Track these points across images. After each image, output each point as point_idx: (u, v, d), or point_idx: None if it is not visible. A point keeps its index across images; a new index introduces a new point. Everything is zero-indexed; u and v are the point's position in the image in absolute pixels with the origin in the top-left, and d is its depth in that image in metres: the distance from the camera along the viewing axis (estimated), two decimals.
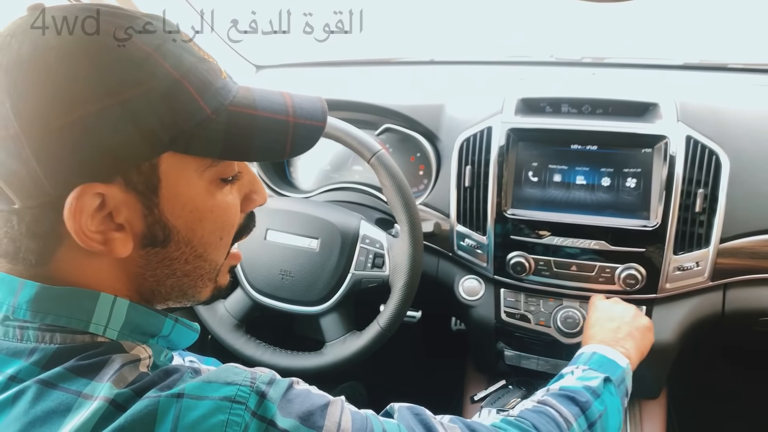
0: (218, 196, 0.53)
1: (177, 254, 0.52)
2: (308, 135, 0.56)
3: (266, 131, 0.53)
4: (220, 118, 0.49)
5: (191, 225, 0.52)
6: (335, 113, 1.10)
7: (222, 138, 0.49)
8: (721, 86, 1.21)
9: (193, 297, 0.58)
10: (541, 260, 1.05)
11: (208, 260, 0.55)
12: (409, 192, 0.95)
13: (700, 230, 0.99)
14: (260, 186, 0.60)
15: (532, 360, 1.16)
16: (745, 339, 1.34)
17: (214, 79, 0.50)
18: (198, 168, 0.50)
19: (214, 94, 0.49)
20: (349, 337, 1.00)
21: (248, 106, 0.52)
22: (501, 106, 1.09)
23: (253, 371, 0.50)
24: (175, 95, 0.46)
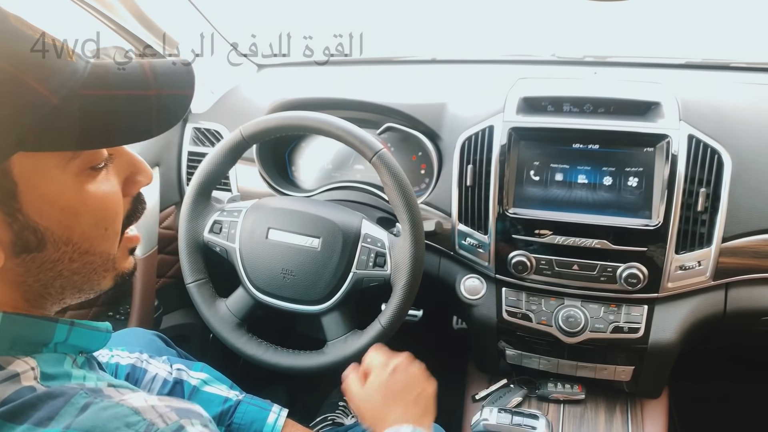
0: (90, 186, 0.49)
1: (58, 255, 0.48)
2: (175, 106, 0.51)
3: (126, 111, 0.47)
4: (71, 106, 0.44)
5: (66, 223, 0.48)
6: (337, 112, 1.10)
7: (77, 127, 0.44)
8: (723, 85, 1.20)
9: (93, 289, 0.54)
10: (543, 259, 1.05)
11: (96, 254, 0.51)
12: (410, 191, 0.95)
13: (702, 229, 0.99)
14: (142, 165, 0.56)
15: (533, 359, 1.16)
16: (746, 338, 1.34)
17: (60, 63, 0.44)
18: (59, 163, 0.46)
19: (61, 79, 0.43)
20: (350, 336, 1.00)
21: (103, 86, 0.46)
22: (503, 105, 1.09)
23: (153, 421, 0.43)
24: (12, 91, 0.41)
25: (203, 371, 0.94)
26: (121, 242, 0.55)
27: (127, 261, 0.58)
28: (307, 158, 1.39)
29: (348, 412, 1.47)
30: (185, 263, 1.06)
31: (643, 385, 1.13)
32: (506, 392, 1.19)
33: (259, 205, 1.06)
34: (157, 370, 0.89)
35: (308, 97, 1.30)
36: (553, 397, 1.16)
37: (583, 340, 1.06)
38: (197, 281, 1.05)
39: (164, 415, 0.44)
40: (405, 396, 0.78)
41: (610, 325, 1.05)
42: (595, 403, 1.17)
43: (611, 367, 1.11)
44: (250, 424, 0.89)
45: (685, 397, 1.39)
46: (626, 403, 1.17)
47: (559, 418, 1.15)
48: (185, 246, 1.06)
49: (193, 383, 0.90)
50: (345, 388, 0.84)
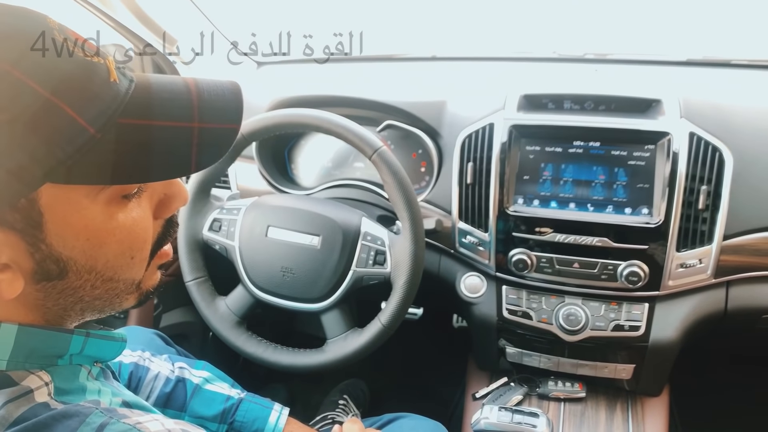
0: (120, 215, 0.47)
1: (80, 283, 0.47)
2: (218, 142, 0.48)
3: (164, 145, 0.45)
4: (107, 137, 0.41)
5: (90, 253, 0.46)
6: (336, 110, 1.10)
7: (111, 160, 0.42)
8: (724, 82, 1.20)
9: (114, 310, 0.53)
10: (543, 257, 1.05)
11: (120, 281, 0.50)
12: (410, 189, 0.95)
13: (703, 227, 0.98)
14: (177, 187, 0.53)
15: (534, 357, 1.15)
16: (747, 336, 1.34)
17: (100, 87, 0.42)
18: (89, 193, 0.44)
19: (100, 107, 0.41)
20: (350, 334, 1.00)
21: (142, 114, 0.44)
22: (503, 103, 1.09)
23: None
24: (45, 119, 0.38)
25: (205, 369, 0.94)
26: (150, 264, 0.54)
27: (154, 278, 0.57)
28: (306, 156, 1.38)
29: (348, 410, 1.47)
30: (185, 261, 1.05)
31: (643, 384, 1.13)
32: (507, 390, 1.19)
33: (259, 203, 1.06)
34: (159, 368, 0.89)
35: (308, 94, 1.30)
36: (553, 396, 1.16)
37: (583, 338, 1.06)
38: (197, 279, 1.05)
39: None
40: None
41: (611, 323, 1.05)
42: (595, 401, 1.17)
43: (612, 366, 1.11)
44: (252, 423, 0.89)
45: (685, 395, 1.39)
46: (627, 401, 1.17)
47: (560, 416, 1.14)
48: (185, 244, 1.05)
49: (196, 381, 0.90)
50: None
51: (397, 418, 0.96)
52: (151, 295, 0.57)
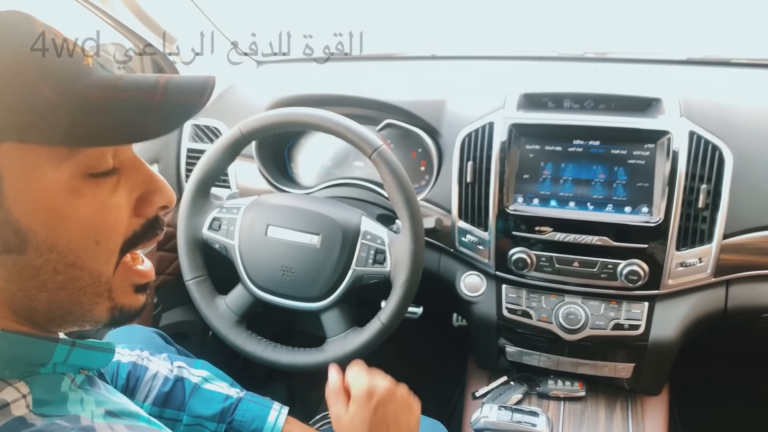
0: (86, 193, 0.46)
1: (40, 262, 0.45)
2: (177, 112, 0.47)
3: (123, 111, 0.45)
4: (66, 104, 0.43)
5: (51, 226, 0.45)
6: (336, 109, 1.10)
7: (68, 124, 0.43)
8: (724, 81, 1.20)
9: (85, 317, 0.50)
10: (543, 256, 1.05)
11: (85, 269, 0.48)
12: (410, 188, 0.95)
13: (703, 226, 0.98)
14: (161, 184, 0.52)
15: (533, 356, 1.16)
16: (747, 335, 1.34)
17: (67, 64, 0.44)
18: (50, 160, 0.43)
19: (63, 79, 0.43)
20: (350, 333, 1.00)
21: (108, 87, 0.45)
22: (503, 102, 1.09)
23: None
24: (8, 83, 0.41)
25: (204, 369, 0.94)
26: (118, 267, 0.51)
27: (131, 297, 0.53)
28: (306, 155, 1.38)
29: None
30: (184, 260, 1.05)
31: (643, 383, 1.13)
32: (506, 389, 1.19)
33: (259, 202, 1.06)
34: (158, 367, 0.89)
35: (307, 93, 1.30)
36: (553, 395, 1.16)
37: (583, 337, 1.06)
38: (196, 278, 1.05)
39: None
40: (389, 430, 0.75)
41: (611, 322, 1.05)
42: (595, 400, 1.17)
43: (612, 365, 1.11)
44: (251, 422, 0.89)
45: (685, 394, 1.39)
46: (627, 400, 1.17)
47: (560, 415, 1.14)
48: (184, 243, 1.05)
49: (194, 381, 0.89)
50: (328, 402, 0.79)
51: None
52: (128, 319, 0.54)
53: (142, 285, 0.55)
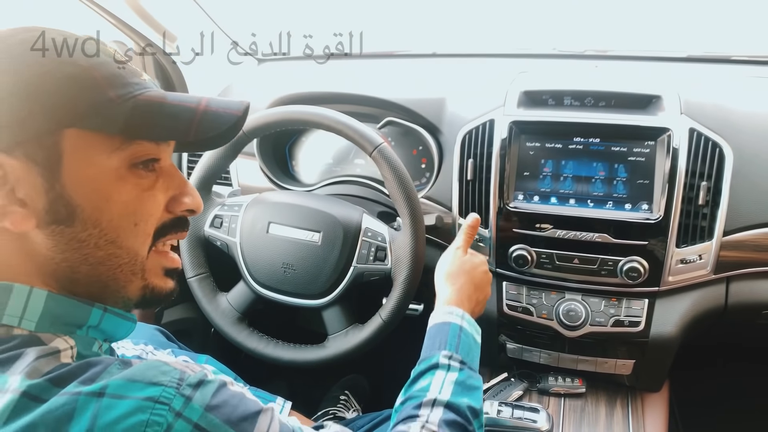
0: (131, 180, 0.54)
1: (85, 235, 0.52)
2: (217, 120, 0.56)
3: (170, 115, 0.53)
4: (125, 104, 0.51)
5: (97, 204, 0.52)
6: (337, 106, 1.10)
7: (124, 118, 0.50)
8: (724, 78, 1.20)
9: (118, 293, 0.57)
10: (544, 253, 1.05)
11: (123, 248, 0.55)
12: (411, 185, 0.95)
13: (703, 223, 0.98)
14: (192, 190, 0.60)
15: (534, 353, 1.16)
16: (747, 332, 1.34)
17: (128, 76, 0.53)
18: (105, 149, 0.51)
19: (124, 86, 0.52)
20: (351, 330, 1.00)
21: (159, 97, 0.54)
22: (503, 99, 1.09)
23: (183, 370, 0.49)
24: (80, 79, 0.49)
25: (207, 363, 0.94)
26: (152, 249, 0.58)
27: (162, 280, 0.60)
28: (307, 153, 1.38)
29: (349, 406, 1.47)
30: (186, 258, 1.06)
31: (643, 379, 1.13)
32: (507, 386, 1.19)
33: (260, 199, 1.06)
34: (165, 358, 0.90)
35: (308, 91, 1.30)
36: (553, 391, 1.17)
37: (583, 333, 1.06)
38: (198, 276, 1.06)
39: (190, 367, 0.51)
40: (476, 293, 0.88)
41: (611, 319, 1.05)
42: (595, 396, 1.17)
43: (612, 361, 1.11)
44: None
45: (685, 390, 1.39)
46: (627, 396, 1.17)
47: (560, 411, 1.15)
48: (186, 241, 1.06)
49: None
50: (453, 243, 0.94)
51: None
52: (160, 300, 0.61)
53: (171, 269, 0.62)
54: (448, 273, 0.89)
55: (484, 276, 0.92)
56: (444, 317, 0.82)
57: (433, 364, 0.75)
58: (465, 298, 0.86)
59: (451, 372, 0.74)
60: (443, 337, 0.79)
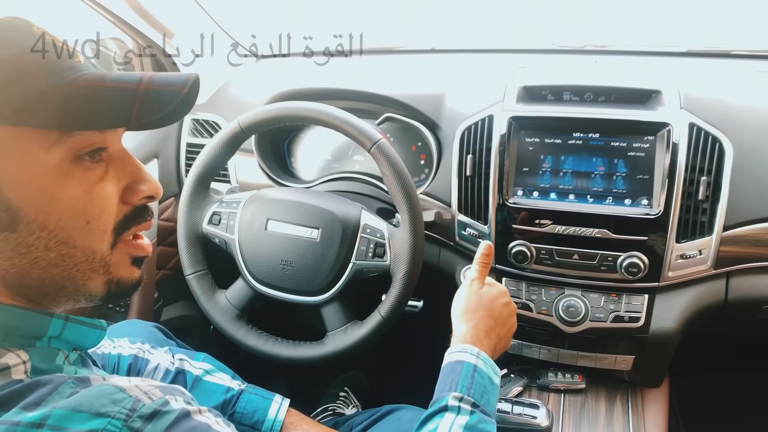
0: (76, 175, 0.49)
1: (32, 239, 0.48)
2: (161, 99, 0.51)
3: (109, 99, 0.49)
4: (58, 92, 0.47)
5: (42, 206, 0.48)
6: (335, 102, 1.10)
7: (59, 109, 0.46)
8: (724, 73, 1.20)
9: (78, 292, 0.53)
10: (543, 249, 1.04)
11: (77, 247, 0.51)
12: (409, 181, 0.95)
13: (703, 218, 0.98)
14: (146, 175, 0.56)
15: (534, 349, 1.16)
16: (747, 327, 1.34)
17: (61, 60, 0.49)
18: (43, 144, 0.47)
19: (56, 72, 0.47)
20: (350, 326, 1.00)
21: (96, 79, 0.49)
22: (502, 95, 1.08)
23: (137, 398, 0.45)
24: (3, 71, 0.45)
25: (205, 361, 0.94)
26: (117, 245, 0.54)
27: (128, 270, 0.57)
28: (306, 149, 1.38)
29: (348, 402, 1.47)
30: (184, 255, 1.05)
31: (643, 375, 1.13)
32: (507, 382, 1.19)
33: (258, 196, 1.06)
34: (159, 360, 0.89)
35: (307, 87, 1.29)
36: (553, 387, 1.17)
37: (583, 329, 1.06)
38: (197, 273, 1.05)
39: (149, 393, 0.46)
40: (497, 328, 0.83)
41: (611, 315, 1.05)
42: (595, 392, 1.17)
43: (612, 357, 1.11)
44: (252, 414, 0.89)
45: (685, 386, 1.39)
46: (627, 392, 1.17)
47: (560, 407, 1.15)
48: (184, 238, 1.05)
49: (196, 373, 0.90)
50: (467, 274, 0.89)
51: (396, 409, 0.96)
52: (127, 291, 0.57)
53: (139, 258, 0.58)
54: (465, 309, 0.84)
55: (505, 308, 0.86)
56: (457, 356, 0.76)
57: (442, 407, 0.70)
58: (483, 335, 0.80)
59: (461, 415, 0.68)
60: (455, 377, 0.73)
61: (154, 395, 0.46)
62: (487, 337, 0.81)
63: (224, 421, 0.51)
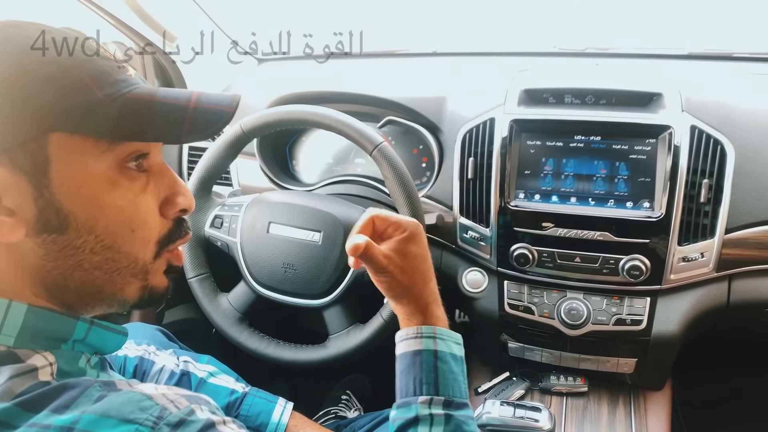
0: (123, 184, 0.51)
1: (79, 242, 0.50)
2: (209, 118, 0.53)
3: (161, 114, 0.51)
4: (113, 104, 0.48)
5: (91, 211, 0.49)
6: (337, 106, 1.10)
7: (113, 120, 0.48)
8: (726, 75, 1.20)
9: (114, 296, 0.54)
10: (545, 252, 1.04)
11: (122, 253, 0.52)
12: (411, 184, 0.95)
13: (705, 221, 0.98)
14: (183, 188, 0.58)
15: (536, 352, 1.16)
16: (749, 330, 1.34)
17: (115, 72, 0.50)
18: (94, 151, 0.49)
19: (111, 84, 0.49)
20: (352, 329, 1.00)
21: (148, 95, 0.51)
22: (504, 98, 1.08)
23: (164, 406, 0.45)
24: (63, 80, 0.46)
25: (209, 364, 0.94)
26: (160, 256, 0.56)
27: (161, 278, 0.58)
28: (307, 152, 1.38)
29: (350, 406, 1.47)
30: (187, 258, 1.06)
31: (646, 377, 1.13)
32: (509, 385, 1.19)
33: (260, 199, 1.06)
34: (164, 362, 0.90)
35: (308, 90, 1.30)
36: (555, 390, 1.16)
37: (585, 332, 1.06)
38: (199, 276, 1.05)
39: (175, 401, 0.46)
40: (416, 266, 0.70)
41: (613, 318, 1.05)
42: (597, 395, 1.17)
43: (614, 360, 1.11)
44: (256, 417, 0.89)
45: (688, 388, 1.39)
46: (629, 395, 1.17)
47: (562, 410, 1.14)
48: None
49: (200, 375, 0.90)
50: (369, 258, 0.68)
51: None
52: (156, 300, 0.58)
53: (173, 267, 0.59)
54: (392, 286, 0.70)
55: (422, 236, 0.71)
56: (412, 344, 0.67)
57: (411, 419, 0.63)
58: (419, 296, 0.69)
59: (436, 426, 0.62)
60: (417, 373, 0.65)
61: (181, 404, 0.46)
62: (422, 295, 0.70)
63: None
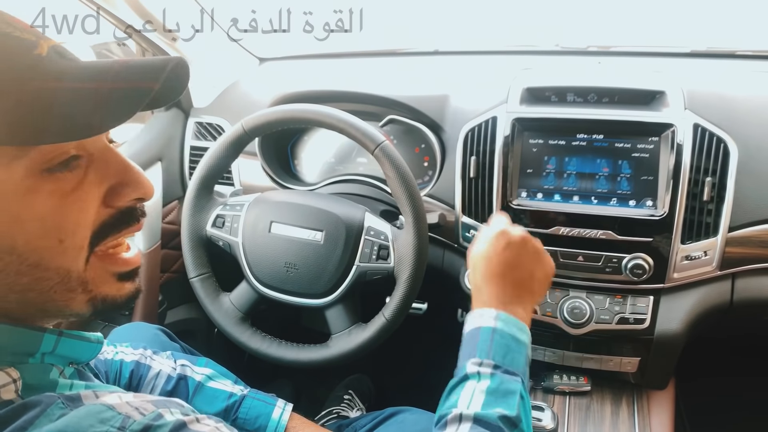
0: (43, 190, 0.43)
1: (1, 265, 0.43)
2: (127, 101, 0.43)
3: (67, 105, 0.42)
4: (9, 100, 0.40)
5: (6, 229, 0.42)
6: (339, 105, 1.09)
7: (10, 121, 0.40)
8: (728, 73, 1.19)
9: (63, 312, 0.49)
10: (547, 251, 1.04)
11: (51, 269, 0.46)
12: (413, 183, 0.95)
13: (708, 219, 0.98)
14: (134, 174, 0.50)
15: (538, 351, 1.15)
16: (753, 329, 1.33)
17: (16, 57, 0.42)
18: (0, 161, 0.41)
19: (8, 71, 0.41)
20: (354, 329, 1.00)
21: (55, 79, 0.42)
22: (506, 96, 1.08)
23: (127, 414, 0.42)
24: None
25: (207, 366, 0.94)
26: (90, 258, 0.49)
27: (114, 286, 0.51)
28: (309, 151, 1.38)
29: (353, 405, 1.47)
30: (188, 258, 1.05)
31: (649, 377, 1.13)
32: None
33: (262, 198, 1.06)
34: (161, 366, 0.89)
35: (310, 89, 1.30)
36: (558, 389, 1.16)
37: (588, 331, 1.06)
38: (201, 276, 1.05)
39: (140, 408, 0.43)
40: (509, 274, 0.75)
41: (616, 317, 1.05)
42: (601, 394, 1.17)
43: (617, 359, 1.10)
44: (255, 419, 0.89)
45: (691, 388, 1.39)
46: (632, 394, 1.17)
47: (565, 410, 1.14)
48: (188, 240, 1.05)
49: (198, 379, 0.90)
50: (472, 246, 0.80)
51: (399, 411, 0.96)
52: (118, 307, 0.52)
53: (126, 273, 0.52)
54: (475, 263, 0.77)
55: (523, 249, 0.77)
56: (475, 322, 0.72)
57: (462, 377, 0.67)
58: (499, 291, 0.73)
59: (482, 380, 0.65)
60: (473, 343, 0.70)
61: (146, 410, 0.43)
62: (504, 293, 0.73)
63: (227, 426, 0.49)
